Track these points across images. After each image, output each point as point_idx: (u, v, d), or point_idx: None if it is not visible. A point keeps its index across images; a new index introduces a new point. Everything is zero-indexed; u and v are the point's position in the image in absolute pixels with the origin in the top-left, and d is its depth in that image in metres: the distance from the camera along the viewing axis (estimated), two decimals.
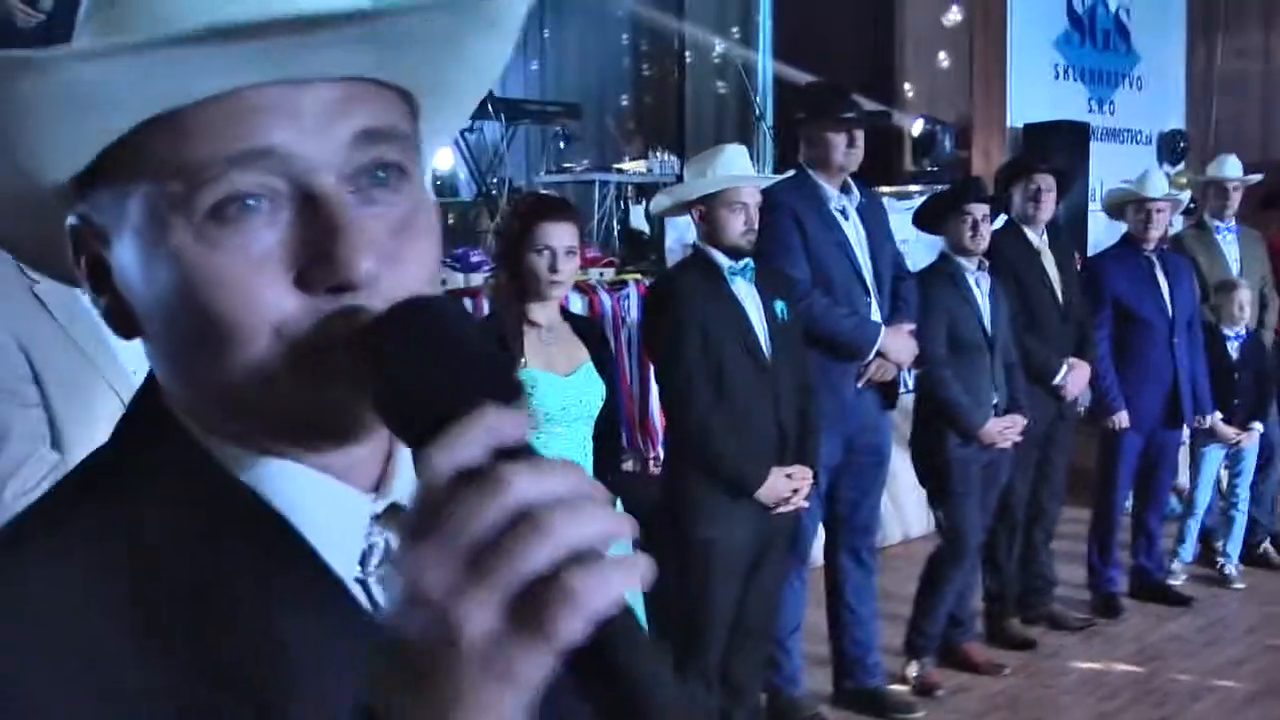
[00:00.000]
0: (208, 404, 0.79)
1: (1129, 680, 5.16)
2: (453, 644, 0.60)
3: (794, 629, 4.68)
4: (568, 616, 0.60)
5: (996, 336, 5.03)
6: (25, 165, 0.77)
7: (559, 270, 3.51)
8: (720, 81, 12.36)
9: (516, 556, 0.60)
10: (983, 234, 4.98)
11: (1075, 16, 9.98)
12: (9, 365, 2.49)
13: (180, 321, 0.75)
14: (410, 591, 0.62)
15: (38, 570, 0.74)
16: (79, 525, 0.77)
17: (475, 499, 0.61)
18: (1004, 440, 4.99)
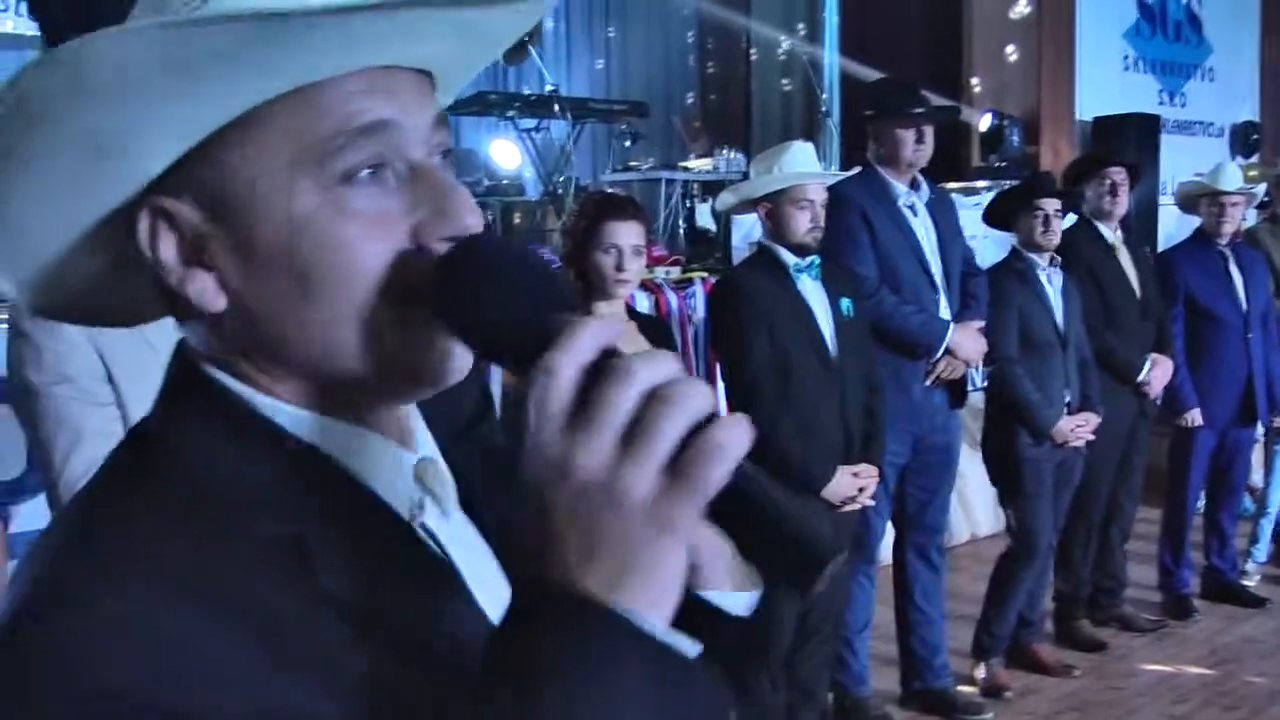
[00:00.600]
0: (306, 365, 0.84)
1: (1201, 683, 5.09)
2: (623, 511, 0.71)
3: (862, 628, 4.67)
4: (713, 465, 0.71)
5: (1069, 333, 4.98)
6: (151, 140, 0.80)
7: (625, 269, 3.52)
8: (786, 78, 12.33)
9: (660, 427, 0.71)
10: (1054, 229, 4.94)
11: (1146, 7, 9.87)
12: (85, 365, 2.54)
13: (305, 281, 0.81)
14: (573, 474, 0.71)
15: (183, 544, 0.77)
16: (179, 495, 0.81)
17: (614, 388, 0.72)
18: (1076, 439, 4.94)
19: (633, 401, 0.72)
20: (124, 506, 0.80)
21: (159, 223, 0.83)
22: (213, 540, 0.77)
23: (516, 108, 8.52)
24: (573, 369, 0.73)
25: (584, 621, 0.70)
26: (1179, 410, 5.75)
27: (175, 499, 0.79)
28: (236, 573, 0.76)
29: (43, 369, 2.53)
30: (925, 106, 4.74)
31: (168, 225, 0.83)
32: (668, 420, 0.71)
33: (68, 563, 0.76)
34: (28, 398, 2.55)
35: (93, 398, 2.54)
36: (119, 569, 0.74)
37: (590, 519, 0.71)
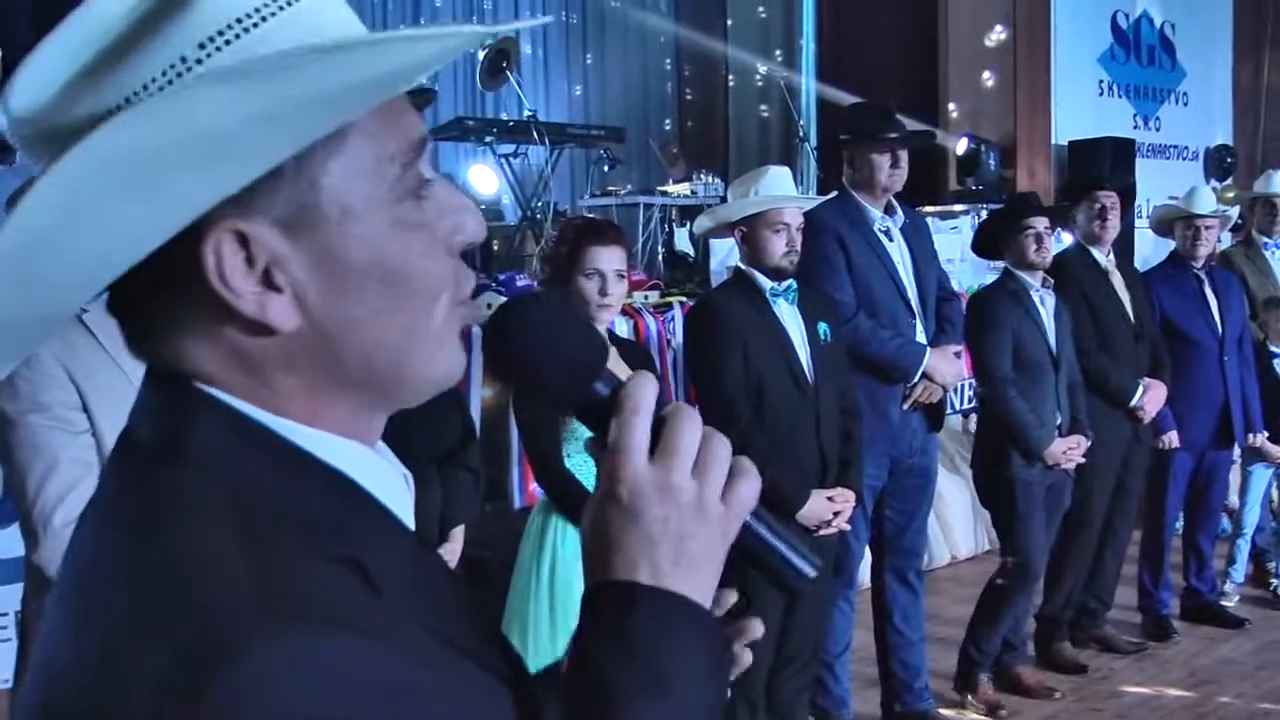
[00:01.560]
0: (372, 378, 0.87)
1: (1182, 704, 5.10)
2: (709, 523, 0.92)
3: (842, 651, 4.67)
4: (750, 487, 0.95)
5: (1061, 355, 4.99)
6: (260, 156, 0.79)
7: (608, 294, 3.52)
8: (763, 104, 12.40)
9: (720, 457, 0.94)
10: (1047, 247, 4.95)
11: (1120, 32, 9.94)
12: (60, 394, 2.53)
13: (394, 294, 0.85)
14: (673, 495, 0.91)
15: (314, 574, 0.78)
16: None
17: (687, 429, 0.93)
18: (1068, 461, 4.95)
19: (698, 439, 0.93)
20: (216, 543, 0.77)
21: (224, 248, 0.81)
22: (308, 565, 0.78)
23: (494, 133, 8.52)
24: (649, 412, 0.93)
25: (687, 616, 0.90)
26: (1157, 432, 5.77)
27: (253, 528, 0.79)
28: (345, 594, 0.78)
29: (17, 397, 2.52)
30: (900, 131, 4.75)
31: (236, 248, 0.81)
32: (723, 454, 0.94)
33: (209, 609, 0.74)
34: (2, 426, 2.54)
35: (68, 426, 2.53)
36: (269, 609, 0.73)
37: (684, 529, 0.91)
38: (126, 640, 0.74)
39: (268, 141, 0.78)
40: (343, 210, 0.83)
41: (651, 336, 5.88)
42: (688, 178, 9.57)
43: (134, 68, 0.78)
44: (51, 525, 2.50)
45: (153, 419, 0.86)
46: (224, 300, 0.82)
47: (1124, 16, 9.94)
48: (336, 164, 0.83)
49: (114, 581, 0.78)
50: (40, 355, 2.52)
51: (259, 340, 0.84)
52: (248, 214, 0.81)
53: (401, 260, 0.85)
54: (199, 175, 0.76)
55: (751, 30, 12.58)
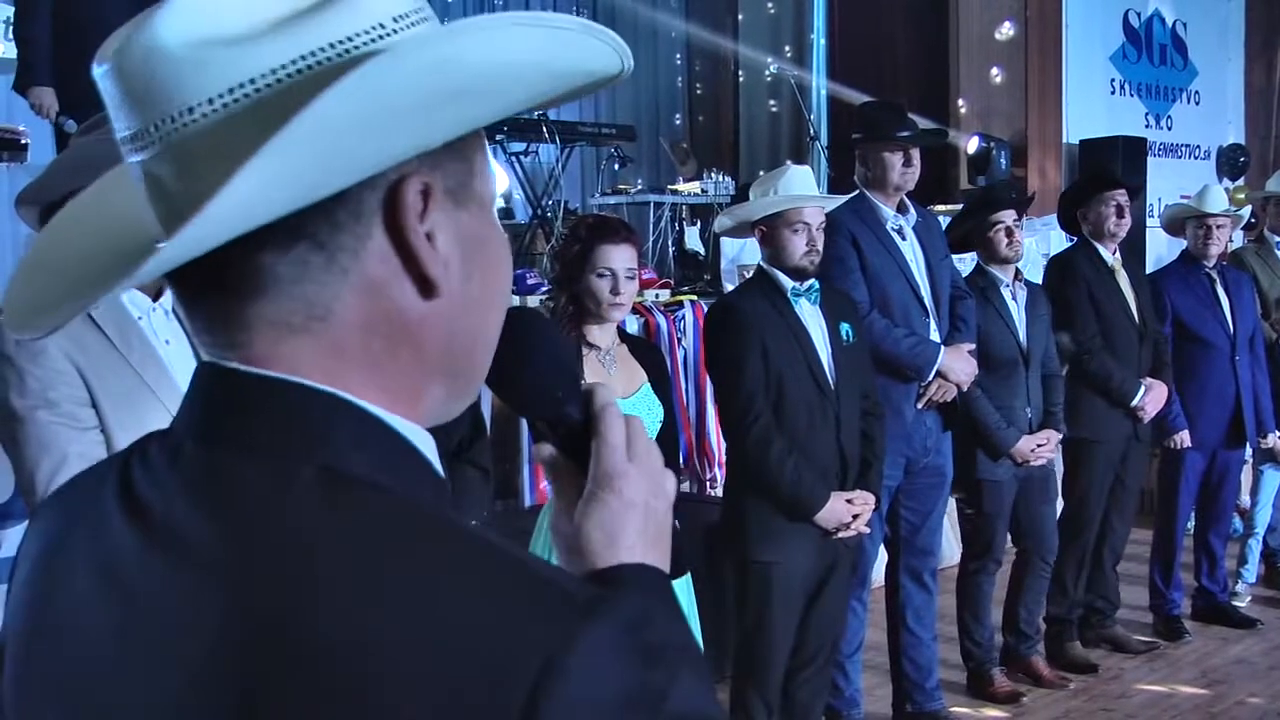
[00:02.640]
0: (464, 365, 0.92)
1: (1193, 704, 5.08)
2: (668, 503, 1.03)
3: (854, 651, 4.66)
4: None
5: (1032, 350, 4.99)
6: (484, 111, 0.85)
7: (620, 292, 3.50)
8: (774, 101, 12.38)
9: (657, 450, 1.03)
10: (1017, 240, 4.95)
11: (1132, 31, 9.92)
12: (68, 390, 2.53)
13: (492, 281, 0.91)
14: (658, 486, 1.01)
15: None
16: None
17: (641, 431, 1.02)
18: (1037, 459, 4.95)
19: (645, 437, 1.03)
20: (479, 539, 0.80)
21: (413, 197, 0.83)
22: (527, 561, 0.81)
23: (505, 131, 8.51)
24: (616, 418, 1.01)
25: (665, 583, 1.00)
26: (1168, 432, 5.75)
27: (447, 534, 0.80)
28: (570, 580, 0.83)
29: (26, 393, 2.51)
30: (913, 130, 4.74)
31: (421, 201, 0.83)
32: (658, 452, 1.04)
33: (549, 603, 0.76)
34: (10, 422, 2.54)
35: (76, 422, 2.53)
36: (553, 613, 0.76)
37: (658, 512, 1.01)
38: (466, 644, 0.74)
39: (503, 94, 0.84)
40: (477, 195, 0.88)
41: (662, 335, 5.88)
42: (698, 176, 9.57)
43: (333, 24, 0.79)
44: None
45: (256, 420, 0.82)
46: (411, 251, 0.83)
47: (1136, 15, 9.93)
48: (480, 156, 0.89)
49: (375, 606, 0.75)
50: (49, 351, 2.51)
51: (411, 304, 0.84)
52: (434, 172, 0.84)
53: (500, 256, 0.92)
54: (435, 114, 0.80)
55: (762, 27, 12.58)
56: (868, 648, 4.83)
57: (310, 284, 0.81)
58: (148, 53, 0.78)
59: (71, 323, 2.64)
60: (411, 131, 0.80)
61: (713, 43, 12.59)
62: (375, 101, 0.76)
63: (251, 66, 0.77)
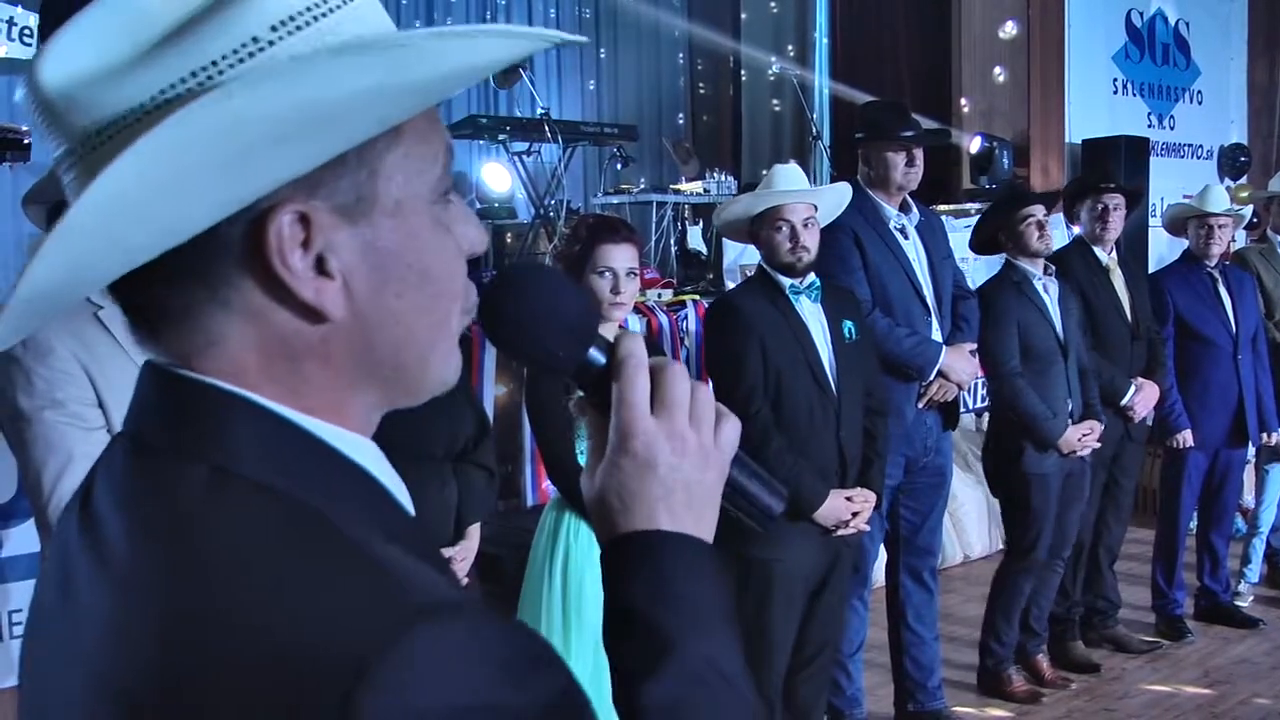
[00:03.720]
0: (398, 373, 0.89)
1: (1196, 704, 5.08)
2: (708, 467, 0.98)
3: (856, 650, 4.67)
4: (735, 432, 1.01)
5: (1069, 342, 4.99)
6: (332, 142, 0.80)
7: (620, 291, 3.51)
8: (776, 101, 12.39)
9: (709, 407, 0.99)
10: (1049, 233, 4.95)
11: (1134, 31, 9.91)
12: (75, 391, 2.54)
13: (427, 288, 0.87)
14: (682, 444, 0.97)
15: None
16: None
17: (680, 383, 0.98)
18: (1083, 448, 4.95)
19: (689, 391, 0.99)
20: (334, 540, 0.78)
21: (286, 230, 0.80)
22: (405, 559, 0.78)
23: (508, 131, 8.52)
24: (646, 371, 0.98)
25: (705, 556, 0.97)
26: (1170, 432, 5.76)
27: (349, 528, 0.79)
28: (435, 585, 0.78)
29: (33, 394, 2.52)
30: (916, 129, 4.74)
31: (300, 230, 0.81)
32: (710, 401, 1.00)
33: (359, 611, 0.73)
34: (17, 422, 2.55)
35: (83, 422, 2.54)
36: (383, 614, 0.73)
37: (692, 475, 0.97)
38: (292, 643, 0.72)
39: (360, 120, 0.79)
40: (395, 203, 0.84)
41: (665, 334, 5.89)
42: (700, 175, 9.57)
43: (200, 46, 0.77)
44: None
45: (172, 420, 0.84)
46: (281, 281, 0.81)
47: (1138, 15, 9.92)
48: (392, 157, 0.84)
49: (198, 612, 0.76)
50: (56, 351, 2.53)
51: (302, 328, 0.83)
52: (312, 196, 0.81)
53: (438, 258, 0.88)
54: (288, 148, 0.77)
55: (764, 26, 12.58)
56: (870, 647, 4.84)
57: (201, 316, 0.83)
58: (37, 89, 0.79)
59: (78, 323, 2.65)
60: (257, 169, 0.77)
61: (715, 42, 12.59)
62: (203, 145, 0.74)
63: (118, 101, 0.77)
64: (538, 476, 5.51)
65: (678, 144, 10.72)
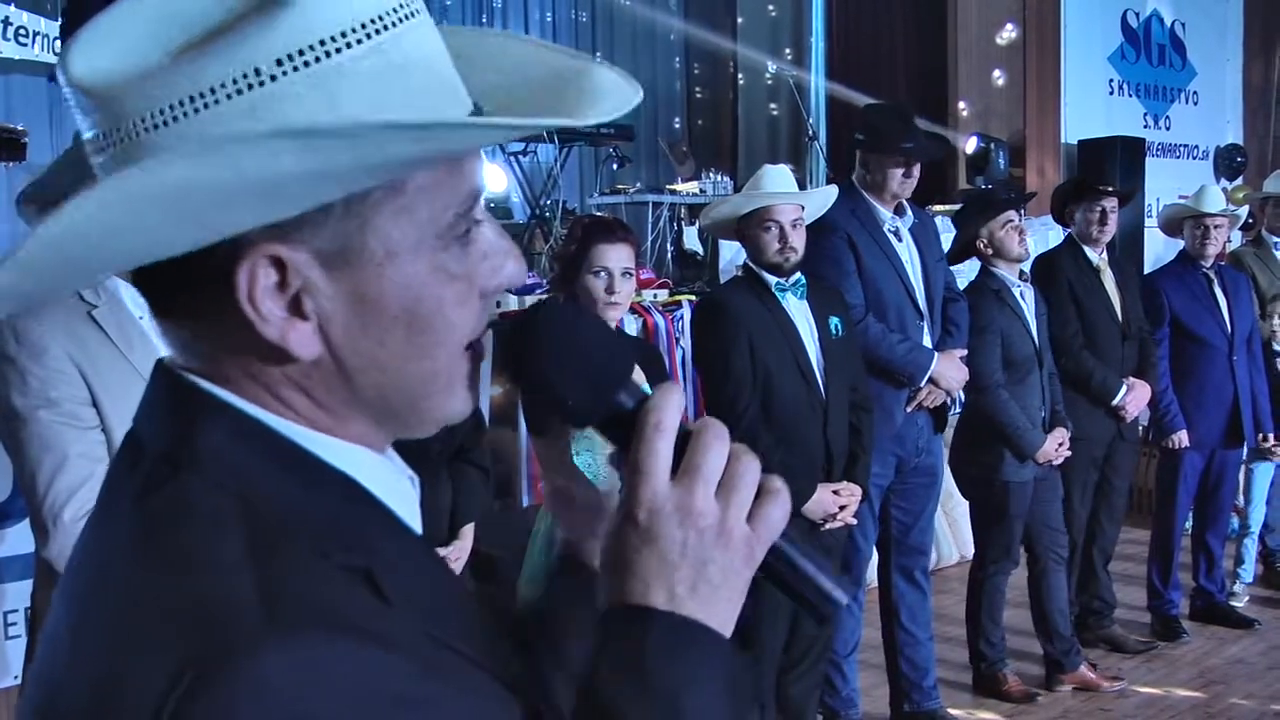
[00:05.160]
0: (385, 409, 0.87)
1: (1190, 705, 5.08)
2: (728, 547, 0.88)
3: (850, 651, 4.67)
4: (779, 511, 0.90)
5: (1043, 349, 5.00)
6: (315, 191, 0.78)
7: (615, 291, 3.51)
8: (773, 102, 12.39)
9: (746, 480, 0.89)
10: (1027, 237, 4.96)
11: (1130, 32, 9.93)
12: (70, 390, 2.54)
13: (419, 338, 0.85)
14: (693, 517, 0.87)
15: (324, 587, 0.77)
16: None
17: (714, 448, 0.89)
18: (1058, 457, 4.97)
19: (724, 459, 0.89)
20: (223, 550, 0.77)
21: (259, 270, 0.80)
22: (319, 575, 0.77)
23: None
24: (673, 431, 0.89)
25: (703, 644, 0.86)
26: (1166, 432, 5.76)
27: (264, 538, 0.78)
28: (354, 604, 0.77)
29: (28, 393, 2.52)
30: (918, 139, 4.66)
31: (273, 272, 0.80)
32: (750, 474, 0.90)
33: (216, 619, 0.73)
34: (12, 422, 2.55)
35: (77, 422, 2.53)
36: (273, 615, 0.73)
37: (704, 554, 0.87)
38: (133, 648, 0.73)
39: (319, 189, 0.78)
40: (387, 253, 0.82)
41: (660, 335, 5.89)
42: (696, 176, 9.57)
43: (208, 66, 0.77)
44: (61, 521, 2.50)
45: (161, 421, 0.85)
46: (247, 318, 0.81)
47: (1134, 15, 9.93)
48: (391, 208, 0.82)
49: (121, 590, 0.78)
50: (51, 351, 2.52)
51: (277, 362, 0.84)
52: (289, 241, 0.80)
53: (435, 309, 0.85)
54: (247, 211, 0.76)
55: (761, 28, 12.59)
56: (864, 647, 4.83)
57: (197, 321, 0.84)
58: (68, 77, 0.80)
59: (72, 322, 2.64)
60: (215, 221, 0.76)
61: (712, 44, 12.59)
62: (148, 202, 0.73)
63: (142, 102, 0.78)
64: (533, 476, 5.51)
65: (674, 145, 10.72)
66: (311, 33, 0.77)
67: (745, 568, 0.89)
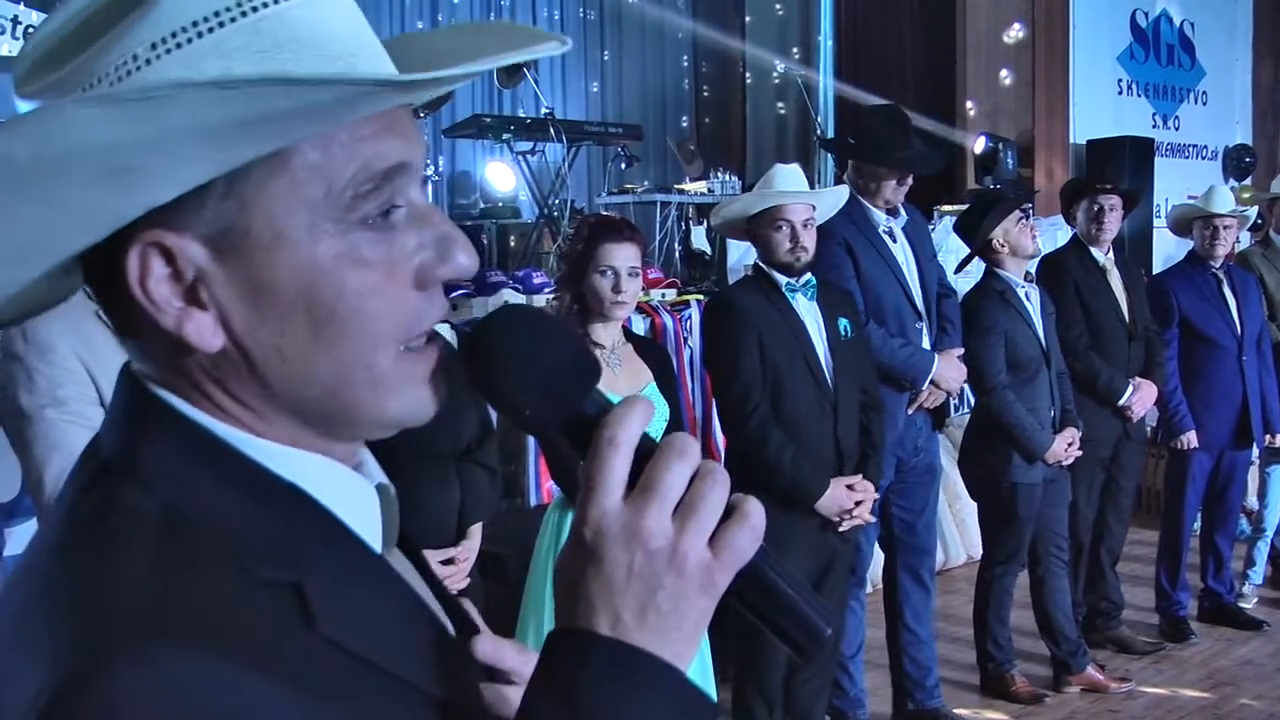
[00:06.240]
0: (302, 404, 0.83)
1: (1198, 706, 5.07)
2: (684, 574, 0.81)
3: (856, 651, 4.67)
4: (747, 537, 0.83)
5: (1051, 350, 4.99)
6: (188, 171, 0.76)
7: (622, 291, 3.50)
8: (781, 102, 12.39)
9: (709, 501, 0.82)
10: (1036, 233, 4.95)
11: (1139, 31, 9.91)
12: (77, 389, 2.54)
13: (323, 326, 0.80)
14: (642, 539, 0.81)
15: (211, 593, 0.75)
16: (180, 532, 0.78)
17: (673, 465, 0.82)
18: (1068, 458, 4.96)
19: (685, 477, 0.82)
20: (129, 557, 0.75)
21: (150, 259, 0.78)
22: (225, 588, 0.75)
23: (512, 130, 8.53)
24: (630, 446, 0.83)
25: (646, 675, 0.80)
26: (1175, 433, 5.75)
27: (178, 547, 0.76)
28: (253, 621, 0.74)
29: (35, 392, 2.52)
30: (913, 147, 4.63)
31: (163, 261, 0.79)
32: (714, 495, 0.82)
33: (92, 626, 0.72)
34: (19, 420, 2.55)
35: (85, 420, 2.53)
36: (148, 629, 0.71)
37: (653, 578, 0.81)
38: (22, 648, 0.73)
39: (195, 159, 0.75)
40: (275, 235, 0.79)
41: (668, 334, 5.88)
42: (704, 175, 9.57)
43: (94, 58, 0.77)
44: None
45: (117, 426, 0.84)
46: (139, 309, 0.80)
47: (1143, 15, 9.92)
48: (275, 186, 0.79)
49: (34, 588, 0.77)
50: (58, 349, 2.53)
51: (189, 356, 0.82)
52: (174, 227, 0.78)
53: (336, 296, 0.80)
54: (100, 191, 0.73)
55: (769, 27, 12.58)
56: (868, 647, 4.83)
57: (140, 346, 0.84)
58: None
59: (80, 321, 2.64)
60: (75, 207, 0.74)
61: (720, 43, 12.59)
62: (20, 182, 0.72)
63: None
64: (541, 476, 5.51)
65: (682, 144, 10.73)
66: (186, 15, 0.76)
67: (702, 596, 0.82)
